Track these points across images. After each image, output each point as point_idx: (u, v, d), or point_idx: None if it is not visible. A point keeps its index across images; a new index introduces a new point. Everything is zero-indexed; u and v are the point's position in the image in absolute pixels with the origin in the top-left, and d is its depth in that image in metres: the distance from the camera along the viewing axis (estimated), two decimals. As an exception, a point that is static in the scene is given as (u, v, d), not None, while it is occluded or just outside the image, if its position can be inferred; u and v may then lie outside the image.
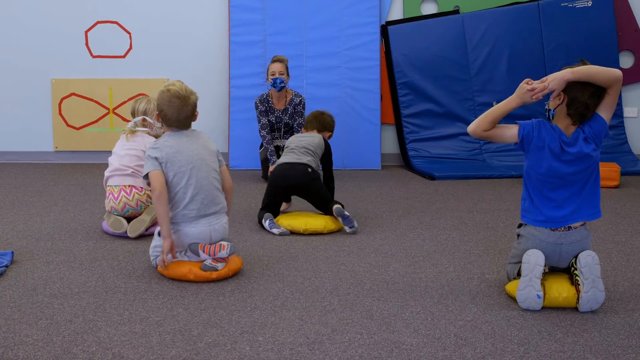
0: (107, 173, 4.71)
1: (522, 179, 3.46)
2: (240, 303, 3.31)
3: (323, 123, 5.12)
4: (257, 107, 6.39)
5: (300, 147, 4.86)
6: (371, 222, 4.99)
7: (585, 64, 3.26)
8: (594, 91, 3.23)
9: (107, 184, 4.68)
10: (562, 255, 3.34)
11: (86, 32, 7.45)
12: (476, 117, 7.19)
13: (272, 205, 4.79)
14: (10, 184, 6.34)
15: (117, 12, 7.45)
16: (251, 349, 2.81)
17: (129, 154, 4.67)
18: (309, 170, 4.75)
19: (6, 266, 3.79)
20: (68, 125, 7.51)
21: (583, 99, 3.23)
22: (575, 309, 3.26)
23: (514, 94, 3.34)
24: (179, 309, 3.24)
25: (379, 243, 4.42)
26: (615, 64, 7.43)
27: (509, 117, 3.32)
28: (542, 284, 3.29)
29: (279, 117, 6.38)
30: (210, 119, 7.27)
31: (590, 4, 7.37)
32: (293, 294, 3.45)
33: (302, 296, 3.42)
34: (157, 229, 3.78)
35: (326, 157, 4.98)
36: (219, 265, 3.63)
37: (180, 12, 7.46)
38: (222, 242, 3.67)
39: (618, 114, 7.56)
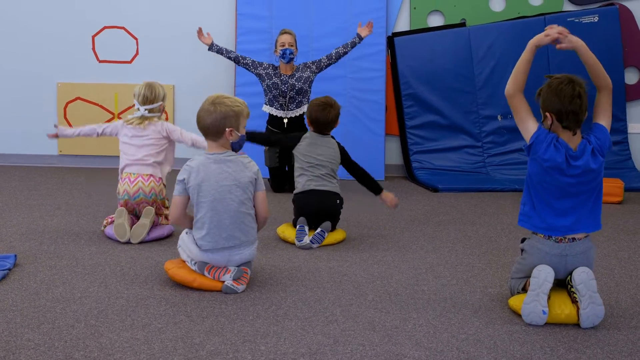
0: (125, 161, 4.77)
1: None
2: (242, 311, 3.31)
3: (329, 123, 4.85)
4: (260, 62, 6.42)
5: (322, 166, 4.76)
6: (374, 233, 4.98)
7: (552, 77, 3.34)
8: (571, 94, 3.22)
9: (125, 171, 4.74)
10: (568, 268, 3.34)
11: (93, 36, 7.47)
12: (480, 130, 7.36)
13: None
14: (14, 186, 6.34)
15: (124, 17, 7.47)
16: (253, 358, 2.81)
17: (148, 144, 4.75)
18: (338, 201, 4.76)
19: (9, 269, 3.80)
20: (73, 129, 7.52)
21: (566, 107, 3.23)
22: (578, 325, 3.25)
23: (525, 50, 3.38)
24: (181, 316, 3.24)
25: (381, 254, 4.42)
26: (621, 80, 7.44)
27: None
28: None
29: (284, 80, 6.34)
30: (215, 126, 7.26)
31: (596, 19, 7.38)
32: (295, 303, 3.45)
33: (304, 306, 3.41)
34: (184, 232, 3.79)
35: (347, 161, 4.92)
36: (240, 288, 3.59)
37: (187, 19, 7.46)
38: (229, 267, 3.66)
39: (622, 129, 7.56)
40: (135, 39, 7.49)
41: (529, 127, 3.32)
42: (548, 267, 3.27)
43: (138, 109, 4.79)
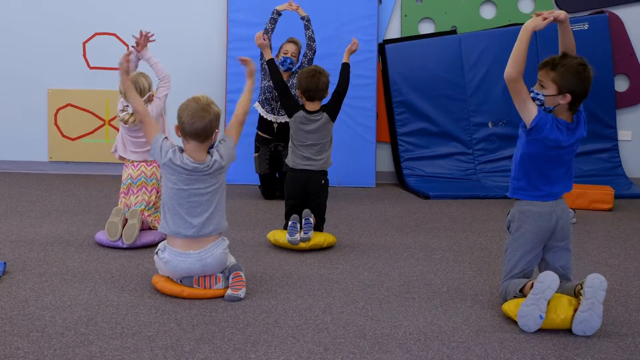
0: (124, 151, 4.90)
1: (513, 166, 3.54)
2: (232, 319, 3.31)
3: (320, 90, 4.85)
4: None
5: (313, 145, 4.84)
6: (365, 240, 4.98)
7: (565, 54, 3.45)
8: (590, 79, 3.36)
9: (128, 159, 4.89)
10: (559, 224, 3.47)
11: (84, 43, 7.45)
12: (471, 137, 7.37)
13: (295, 209, 4.82)
14: (4, 193, 6.32)
15: (115, 24, 7.45)
16: (243, 366, 2.80)
17: (142, 137, 4.80)
18: (323, 181, 4.87)
19: (-2, 277, 3.78)
20: (63, 135, 7.49)
21: (586, 91, 3.36)
22: (570, 332, 3.24)
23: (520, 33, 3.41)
24: (171, 324, 3.22)
25: (372, 262, 4.41)
26: (611, 88, 7.48)
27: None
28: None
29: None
30: (206, 133, 7.26)
31: (586, 27, 7.42)
32: (286, 311, 3.44)
33: (295, 314, 3.41)
34: (159, 246, 3.77)
35: (338, 97, 5.00)
36: (241, 293, 3.58)
37: (179, 26, 7.46)
38: (218, 275, 3.65)
39: (612, 137, 7.59)
40: (127, 45, 7.47)
41: (531, 109, 3.36)
42: (554, 275, 3.27)
43: (127, 106, 4.81)
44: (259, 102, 6.47)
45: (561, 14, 3.43)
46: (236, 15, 7.33)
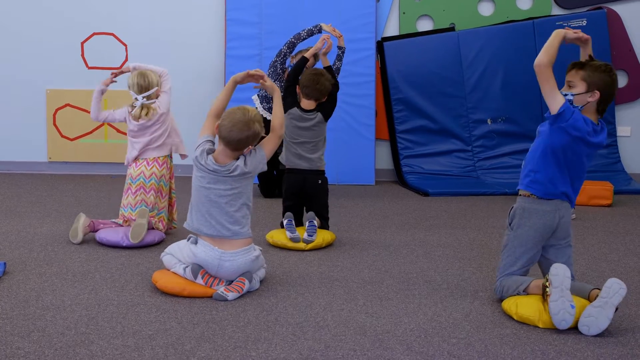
0: (137, 151, 4.80)
1: (532, 160, 3.52)
2: (233, 318, 3.31)
3: (322, 91, 4.92)
4: (287, 60, 6.37)
5: (307, 142, 4.89)
6: (364, 237, 4.99)
7: (592, 58, 3.53)
8: (615, 80, 3.45)
9: (142, 158, 4.81)
10: (561, 223, 3.48)
11: (82, 43, 7.45)
12: (470, 134, 7.38)
13: (292, 209, 4.88)
14: (3, 194, 6.32)
15: (113, 23, 7.45)
16: (244, 364, 2.80)
17: (154, 130, 4.82)
18: (320, 182, 4.90)
19: (-2, 277, 3.78)
20: (62, 136, 7.49)
21: (614, 94, 3.43)
22: (570, 329, 3.24)
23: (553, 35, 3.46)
24: (171, 322, 3.23)
25: (372, 259, 4.42)
26: (609, 83, 7.47)
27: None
28: (543, 306, 3.28)
29: (282, 86, 6.34)
30: (205, 132, 7.26)
31: (584, 23, 7.41)
32: (286, 309, 3.45)
33: (295, 311, 3.41)
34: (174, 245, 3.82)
35: (331, 101, 5.02)
36: (230, 295, 3.57)
37: (177, 25, 7.46)
38: (222, 280, 3.67)
39: (611, 132, 7.59)
40: (125, 45, 7.48)
41: (558, 97, 3.37)
42: (562, 265, 3.29)
43: (136, 99, 4.83)
44: (258, 95, 6.46)
45: (588, 37, 3.56)
46: (234, 14, 7.32)
